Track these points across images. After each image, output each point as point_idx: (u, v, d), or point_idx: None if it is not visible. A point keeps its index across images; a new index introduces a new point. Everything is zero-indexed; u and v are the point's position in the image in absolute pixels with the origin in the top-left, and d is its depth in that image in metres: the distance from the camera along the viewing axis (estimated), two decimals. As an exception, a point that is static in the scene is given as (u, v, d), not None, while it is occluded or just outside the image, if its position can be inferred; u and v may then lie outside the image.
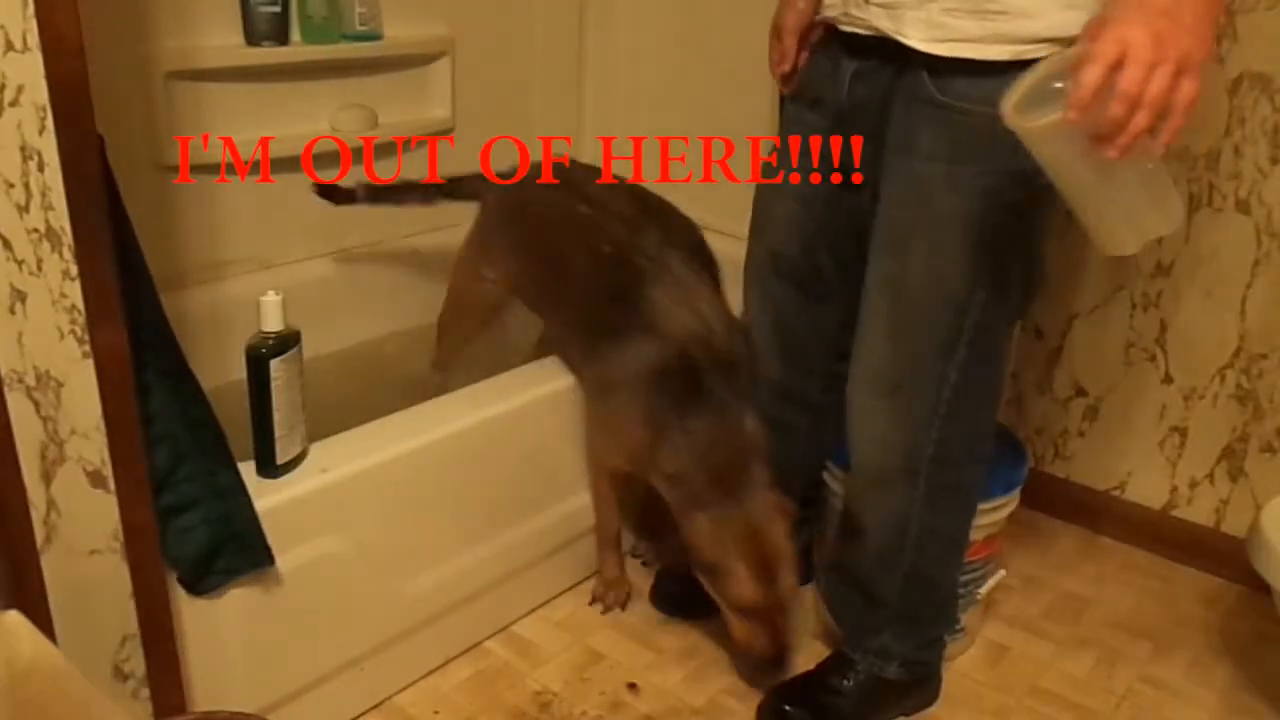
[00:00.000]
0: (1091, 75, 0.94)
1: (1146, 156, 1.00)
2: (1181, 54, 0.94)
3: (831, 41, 1.37)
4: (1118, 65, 0.94)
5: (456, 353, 1.90)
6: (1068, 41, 1.15)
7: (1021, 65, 1.14)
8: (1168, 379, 1.90)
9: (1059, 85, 1.01)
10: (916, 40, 1.21)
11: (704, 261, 1.58)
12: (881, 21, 1.24)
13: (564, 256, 1.63)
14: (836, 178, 1.40)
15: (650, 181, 2.39)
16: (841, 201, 1.41)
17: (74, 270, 0.99)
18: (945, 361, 1.30)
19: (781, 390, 1.56)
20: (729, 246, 1.64)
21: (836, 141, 1.38)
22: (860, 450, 1.41)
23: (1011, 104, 1.02)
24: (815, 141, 1.41)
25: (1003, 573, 1.68)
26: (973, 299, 1.27)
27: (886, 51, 1.26)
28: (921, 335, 1.30)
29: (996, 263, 1.26)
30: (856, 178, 1.37)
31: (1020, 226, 1.26)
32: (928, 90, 1.22)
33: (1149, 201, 1.06)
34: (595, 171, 1.80)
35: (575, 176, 1.76)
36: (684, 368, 1.44)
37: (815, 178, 1.42)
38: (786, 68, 1.49)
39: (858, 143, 1.34)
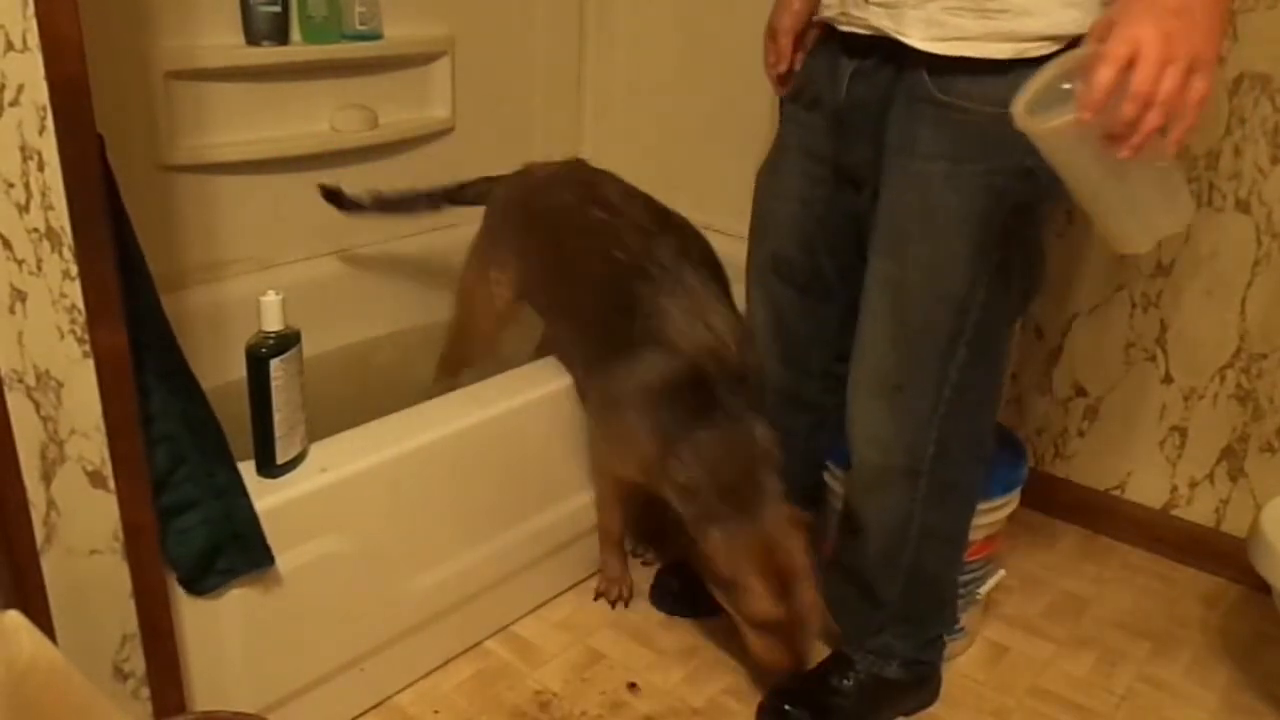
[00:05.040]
0: (1104, 76, 0.94)
1: (1158, 156, 1.00)
2: (1193, 52, 0.95)
3: (829, 42, 1.37)
4: (1129, 65, 0.94)
5: (464, 361, 1.87)
6: (1068, 39, 1.16)
7: (1022, 63, 1.15)
8: (1168, 379, 1.90)
9: (1068, 86, 1.01)
10: (917, 39, 1.20)
11: (714, 272, 1.58)
12: (882, 21, 1.23)
13: (574, 261, 1.63)
14: (836, 179, 1.40)
15: (651, 180, 2.42)
16: (840, 203, 1.40)
17: (74, 270, 0.99)
18: (946, 361, 1.30)
19: (782, 392, 1.56)
20: (731, 246, 1.64)
21: (835, 143, 1.38)
22: (861, 450, 1.41)
23: (1022, 105, 1.02)
24: (814, 142, 1.41)
25: (1002, 573, 1.68)
26: (973, 298, 1.27)
27: (886, 51, 1.26)
28: (922, 335, 1.30)
29: (997, 262, 1.26)
30: (855, 179, 1.37)
31: (1021, 224, 1.26)
32: (927, 89, 1.22)
33: (1161, 200, 1.07)
34: (608, 176, 1.76)
35: (588, 179, 1.74)
36: (694, 380, 1.45)
37: (814, 178, 1.42)
38: (783, 68, 1.49)
39: (856, 143, 1.34)
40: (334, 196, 1.90)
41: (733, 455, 1.44)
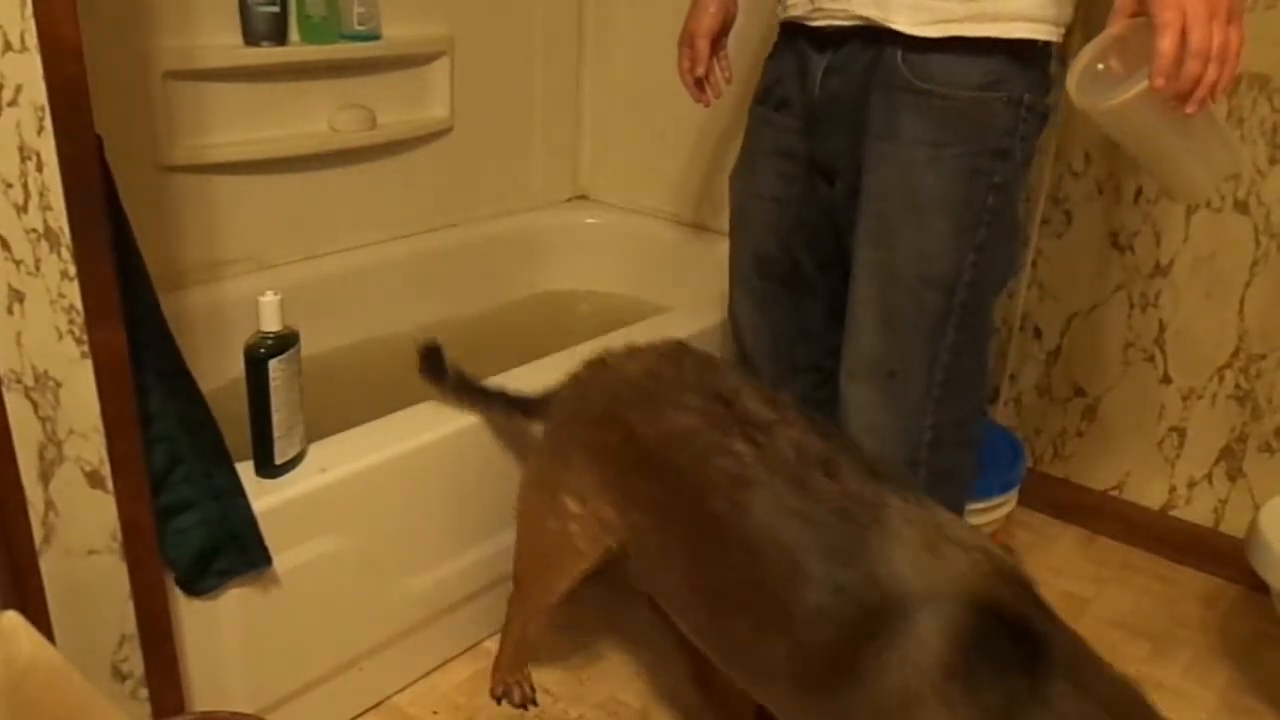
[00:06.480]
0: (1170, 43, 1.03)
1: (1208, 106, 1.10)
2: (1227, 5, 1.05)
3: (794, 42, 1.38)
4: (1183, 29, 1.04)
5: (530, 618, 1.48)
6: (1045, 19, 1.23)
7: (999, 45, 1.22)
8: (1166, 379, 1.91)
9: (1101, 67, 1.13)
10: (904, 24, 1.23)
11: (889, 469, 1.17)
12: (867, 10, 1.26)
13: (730, 523, 1.12)
14: (809, 175, 1.41)
15: (651, 181, 2.42)
16: (816, 198, 1.42)
17: (72, 270, 0.99)
18: (936, 343, 1.32)
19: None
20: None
21: (809, 139, 1.39)
22: (858, 441, 1.41)
23: (1075, 91, 1.13)
24: (786, 142, 1.42)
25: (1001, 573, 1.68)
26: (960, 279, 1.29)
27: (864, 40, 1.28)
28: (912, 320, 1.32)
29: (981, 241, 1.29)
30: (829, 172, 1.38)
31: (1001, 202, 1.29)
32: (905, 77, 1.25)
33: (1220, 143, 1.18)
34: (728, 372, 1.28)
35: (713, 385, 1.22)
36: (1000, 624, 0.99)
37: (788, 177, 1.44)
38: (700, 72, 1.54)
39: (831, 136, 1.36)
40: (429, 368, 1.55)
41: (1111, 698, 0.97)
